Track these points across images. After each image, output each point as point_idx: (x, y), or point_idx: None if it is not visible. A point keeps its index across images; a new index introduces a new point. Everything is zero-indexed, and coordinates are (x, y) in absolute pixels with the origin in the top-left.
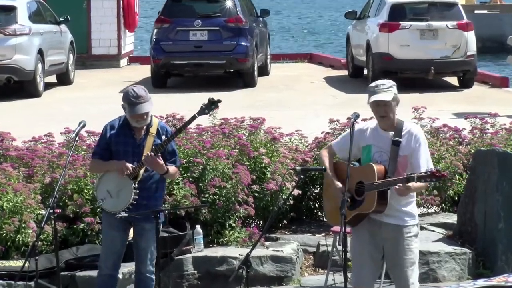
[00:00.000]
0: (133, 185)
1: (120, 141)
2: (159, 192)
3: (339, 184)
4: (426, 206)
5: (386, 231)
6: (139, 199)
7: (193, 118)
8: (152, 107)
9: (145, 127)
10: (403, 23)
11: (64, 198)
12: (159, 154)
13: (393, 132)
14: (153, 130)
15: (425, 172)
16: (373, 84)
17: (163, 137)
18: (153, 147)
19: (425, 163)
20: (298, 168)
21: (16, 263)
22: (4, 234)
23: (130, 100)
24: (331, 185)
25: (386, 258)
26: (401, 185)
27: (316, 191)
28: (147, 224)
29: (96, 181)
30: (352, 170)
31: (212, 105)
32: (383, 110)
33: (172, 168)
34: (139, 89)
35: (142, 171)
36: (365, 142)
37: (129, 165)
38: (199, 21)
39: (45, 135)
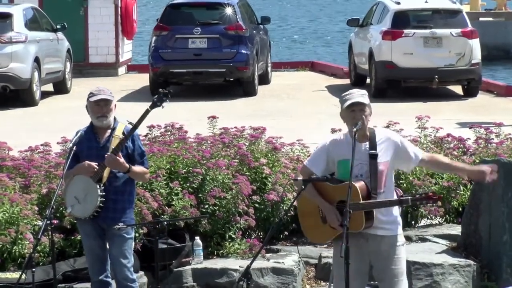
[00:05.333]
0: (98, 187)
1: (84, 146)
2: (126, 195)
3: (330, 206)
4: (430, 217)
5: (373, 244)
6: (107, 202)
7: (147, 112)
8: (113, 100)
9: (109, 131)
10: (406, 31)
11: (61, 209)
12: (120, 153)
13: (367, 143)
14: (118, 133)
15: (420, 194)
16: (345, 93)
17: (129, 140)
18: (113, 147)
19: (416, 152)
20: (300, 178)
21: (12, 275)
22: (0, 246)
23: (91, 94)
24: (308, 203)
25: (375, 271)
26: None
27: None
28: (117, 230)
29: (63, 189)
30: (332, 188)
31: (164, 96)
32: (358, 114)
33: (137, 168)
34: (100, 86)
35: (106, 173)
36: (341, 156)
37: (92, 163)
38: (199, 28)
39: (41, 145)
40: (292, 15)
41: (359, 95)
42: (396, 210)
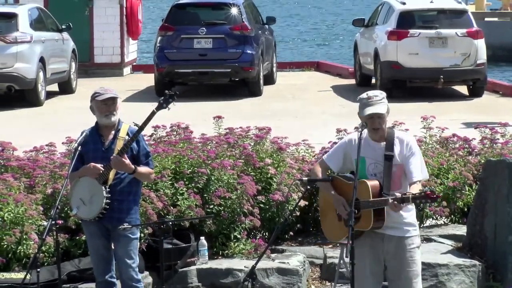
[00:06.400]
0: (104, 189)
1: (89, 148)
2: (132, 195)
3: (339, 197)
4: (435, 218)
5: (388, 244)
6: (112, 203)
7: (153, 114)
8: (119, 99)
9: (113, 132)
10: (412, 31)
11: (66, 209)
12: (125, 155)
13: (384, 143)
14: (122, 134)
15: (419, 193)
16: (365, 96)
17: (134, 141)
18: (118, 149)
19: (419, 172)
20: (305, 178)
21: (17, 275)
22: (5, 246)
23: (97, 93)
24: (327, 199)
25: (389, 272)
26: (396, 204)
27: None
28: (122, 230)
29: (69, 191)
30: (347, 186)
31: (170, 98)
32: (377, 122)
33: (143, 168)
34: (105, 86)
35: (111, 174)
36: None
37: (98, 165)
38: (204, 28)
39: (46, 145)
40: (297, 15)
41: (379, 101)
42: (412, 211)
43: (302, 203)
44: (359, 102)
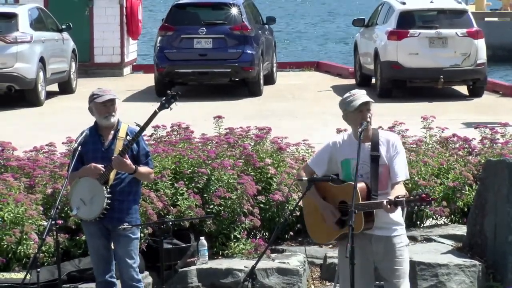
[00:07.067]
0: (105, 189)
1: (89, 148)
2: (132, 195)
3: (326, 204)
4: (435, 218)
5: (377, 245)
6: (113, 203)
7: (155, 114)
8: (117, 99)
9: (112, 132)
10: (412, 31)
11: (66, 209)
12: (126, 155)
13: (369, 143)
14: (121, 134)
15: (414, 196)
16: (347, 94)
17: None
18: (119, 149)
19: (403, 173)
20: (305, 178)
21: (17, 275)
22: (5, 246)
23: (96, 95)
24: (312, 202)
25: (380, 271)
26: (389, 207)
27: None
28: (122, 230)
29: (69, 192)
30: (334, 188)
31: (172, 98)
32: (366, 114)
33: (143, 168)
34: (103, 87)
35: (112, 175)
36: (343, 156)
37: (98, 166)
38: (204, 28)
39: (46, 145)
40: (298, 14)
41: (363, 94)
42: (399, 211)
43: (303, 203)
44: (343, 103)
